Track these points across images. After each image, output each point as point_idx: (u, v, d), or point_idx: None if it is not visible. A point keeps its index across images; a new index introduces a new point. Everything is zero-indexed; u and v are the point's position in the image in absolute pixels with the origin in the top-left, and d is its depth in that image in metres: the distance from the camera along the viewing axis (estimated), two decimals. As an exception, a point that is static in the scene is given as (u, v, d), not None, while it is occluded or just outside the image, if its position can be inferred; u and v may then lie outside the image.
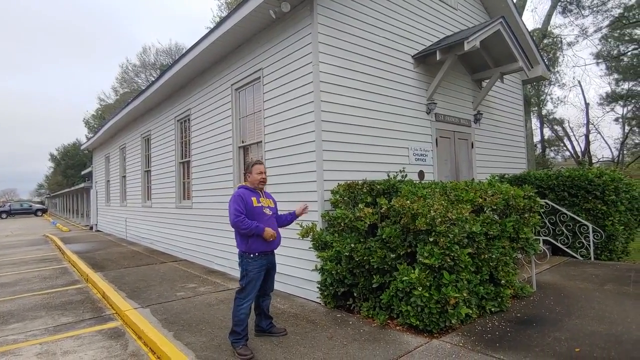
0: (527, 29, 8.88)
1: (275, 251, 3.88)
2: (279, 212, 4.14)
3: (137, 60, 40.94)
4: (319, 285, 4.75)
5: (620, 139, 29.54)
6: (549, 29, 20.26)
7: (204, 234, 7.82)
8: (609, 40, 26.30)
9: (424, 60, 6.68)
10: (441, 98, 6.99)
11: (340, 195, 4.55)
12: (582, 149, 29.37)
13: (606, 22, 23.58)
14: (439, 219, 3.37)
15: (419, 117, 6.54)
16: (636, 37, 24.54)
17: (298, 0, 5.14)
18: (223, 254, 7.14)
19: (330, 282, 4.46)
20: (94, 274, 7.22)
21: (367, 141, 5.59)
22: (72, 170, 45.52)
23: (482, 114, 7.81)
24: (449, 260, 3.39)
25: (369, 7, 5.77)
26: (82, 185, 22.50)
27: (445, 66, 6.39)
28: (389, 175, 5.11)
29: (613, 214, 6.56)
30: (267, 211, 3.73)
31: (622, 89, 27.73)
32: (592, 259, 6.68)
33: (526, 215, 4.56)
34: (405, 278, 3.48)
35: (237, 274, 6.81)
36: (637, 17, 22.42)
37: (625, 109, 28.71)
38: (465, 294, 3.46)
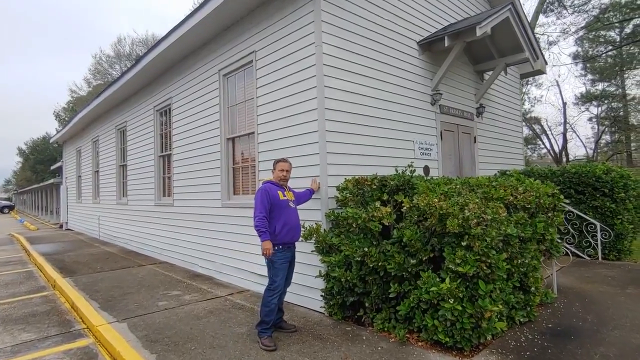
0: (527, 20, 8.57)
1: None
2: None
3: (111, 50, 39.09)
4: (323, 294, 4.22)
5: (592, 138, 30.30)
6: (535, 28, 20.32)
7: (187, 234, 7.15)
8: (584, 41, 26.86)
9: (430, 47, 6.22)
10: (445, 89, 6.56)
11: (350, 192, 4.03)
12: (560, 147, 29.97)
13: (583, 23, 23.96)
14: (474, 220, 2.90)
15: (424, 109, 6.09)
16: (610, 39, 25.10)
17: (299, -28, 4.57)
18: (208, 256, 6.50)
19: (338, 291, 3.93)
20: (62, 279, 6.45)
21: (372, 132, 5.08)
22: (41, 165, 43.27)
23: (484, 107, 7.44)
24: (484, 267, 2.92)
25: (374, -14, 5.25)
26: (51, 181, 21.15)
27: (452, 54, 5.94)
28: (397, 171, 4.62)
29: (622, 212, 6.31)
30: (291, 204, 3.80)
31: (597, 89, 28.47)
32: (600, 259, 6.42)
33: (549, 214, 4.16)
34: (433, 289, 2.99)
35: (224, 278, 6.24)
36: (611, 19, 22.84)
37: (599, 109, 29.50)
38: (500, 306, 3.00)
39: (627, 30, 23.52)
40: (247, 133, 5.80)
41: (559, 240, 4.26)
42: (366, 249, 3.57)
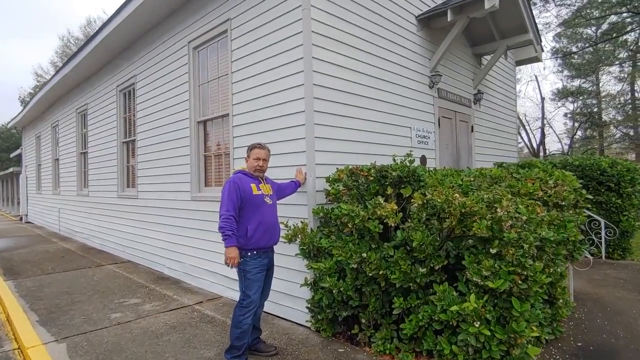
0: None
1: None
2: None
3: (80, 33, 36.76)
4: (309, 305, 3.53)
5: (564, 134, 30.78)
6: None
7: (153, 231, 6.32)
8: (562, 37, 27.04)
9: (429, 23, 5.56)
10: (443, 72, 5.93)
11: (344, 184, 3.33)
12: (537, 142, 30.26)
13: (565, 17, 24.01)
14: (508, 222, 2.26)
15: (422, 91, 5.44)
16: (586, 36, 25.28)
17: None
18: (176, 256, 5.71)
19: (328, 304, 3.25)
20: (2, 283, 5.53)
21: (367, 115, 4.40)
22: (5, 153, 40.65)
23: (482, 93, 6.87)
24: (519, 281, 2.29)
25: (370, -55, 4.52)
26: (10, 169, 19.58)
27: (454, 31, 5.30)
28: (395, 160, 3.96)
29: (628, 208, 5.89)
30: (268, 200, 3.08)
31: (572, 85, 28.83)
32: (604, 257, 6.00)
33: (571, 211, 3.60)
34: (454, 308, 2.35)
35: (194, 282, 5.47)
36: (588, 16, 23.00)
37: (574, 105, 29.92)
38: (535, 329, 2.39)
39: (604, 27, 23.76)
40: (220, 115, 5.01)
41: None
42: (364, 255, 2.90)
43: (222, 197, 2.86)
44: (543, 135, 29.70)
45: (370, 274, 2.91)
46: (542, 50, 8.84)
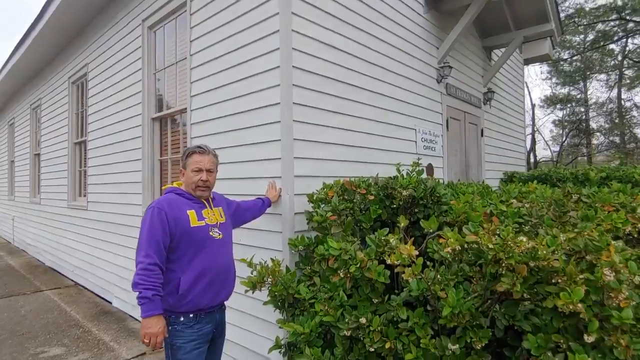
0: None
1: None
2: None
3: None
4: (282, 377, 2.51)
5: (550, 141, 30.52)
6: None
7: (103, 250, 5.21)
8: (553, 44, 26.70)
9: (436, 4, 4.62)
10: (452, 64, 4.99)
11: (334, 208, 2.32)
12: (528, 149, 29.84)
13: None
14: (621, 293, 1.29)
15: (428, 86, 4.48)
16: (575, 44, 24.95)
17: None
18: (126, 283, 4.62)
19: (309, 383, 2.23)
20: None
21: (363, 112, 3.42)
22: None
23: (493, 92, 5.96)
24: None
25: None
26: (-28, 171, 18.03)
27: (469, 14, 4.38)
28: (399, 171, 2.97)
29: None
30: (217, 234, 2.04)
31: (561, 92, 28.54)
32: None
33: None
34: None
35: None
36: (575, 25, 22.81)
37: (563, 113, 29.65)
38: None
39: (590, 36, 23.60)
40: (178, 110, 3.97)
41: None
42: (362, 320, 1.90)
43: (140, 235, 1.84)
44: (534, 142, 29.26)
45: (372, 348, 1.91)
46: (554, 48, 8.02)
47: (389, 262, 1.75)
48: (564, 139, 30.29)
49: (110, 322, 4.23)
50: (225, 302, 2.18)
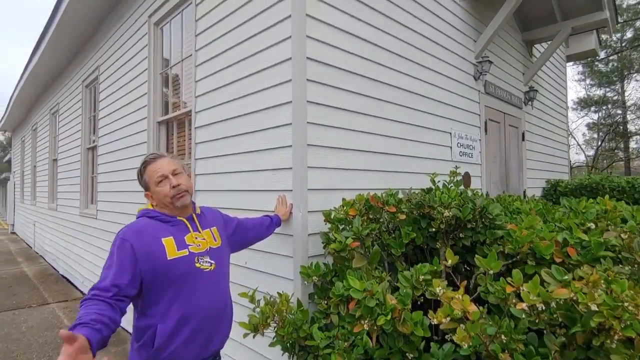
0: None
1: None
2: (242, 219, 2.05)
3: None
4: None
5: (583, 145, 28.87)
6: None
7: (109, 262, 4.91)
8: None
9: (474, -9, 4.08)
10: (491, 59, 4.42)
11: (357, 232, 1.83)
12: (567, 150, 28.34)
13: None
14: None
15: (465, 84, 3.94)
16: (610, 43, 23.42)
17: None
18: (130, 301, 4.27)
19: None
20: None
21: (390, 113, 2.92)
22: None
23: (535, 91, 5.32)
24: None
25: None
26: (3, 175, 18.63)
27: (511, 2, 3.81)
28: (434, 182, 2.46)
29: None
30: (207, 264, 1.57)
31: (595, 94, 26.93)
32: None
33: None
34: None
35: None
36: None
37: (598, 115, 27.97)
38: None
39: (628, 35, 22.05)
40: (183, 113, 3.59)
41: None
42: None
43: (102, 270, 1.42)
44: (567, 146, 27.79)
45: None
46: (601, 44, 7.26)
47: (433, 321, 1.25)
48: (599, 142, 28.63)
49: (111, 344, 3.88)
50: (220, 350, 1.73)
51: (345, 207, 2.02)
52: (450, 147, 3.62)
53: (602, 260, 1.54)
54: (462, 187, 2.82)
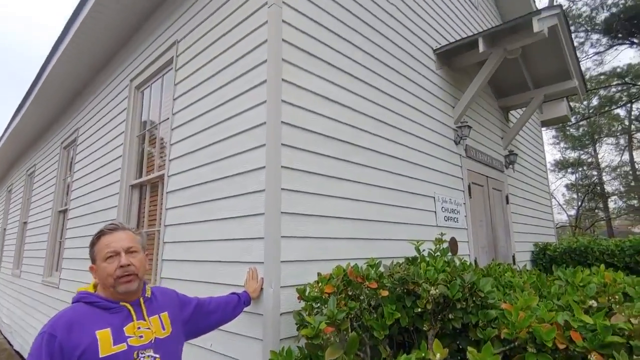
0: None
1: None
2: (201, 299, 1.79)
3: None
4: None
5: (564, 205, 29.45)
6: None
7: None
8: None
9: (449, 61, 4.25)
10: (469, 124, 4.49)
11: (331, 316, 1.61)
12: (551, 211, 28.72)
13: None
14: None
15: (446, 148, 3.94)
16: (579, 109, 24.95)
17: None
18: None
19: None
20: None
21: (370, 177, 2.82)
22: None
23: (515, 155, 5.40)
24: None
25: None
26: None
27: (484, 72, 3.96)
28: (419, 250, 2.30)
29: None
30: (148, 359, 1.28)
31: (571, 157, 28.05)
32: None
33: None
34: None
35: None
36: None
37: (575, 176, 28.90)
38: None
39: (594, 102, 23.52)
40: (157, 176, 3.43)
41: None
42: None
43: None
44: (551, 208, 28.25)
45: None
46: (571, 110, 7.62)
47: None
48: (579, 202, 29.25)
49: None
50: None
51: (320, 284, 1.81)
52: (435, 212, 3.50)
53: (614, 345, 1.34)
54: (449, 254, 2.66)
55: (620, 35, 18.87)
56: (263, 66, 2.28)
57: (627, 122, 24.02)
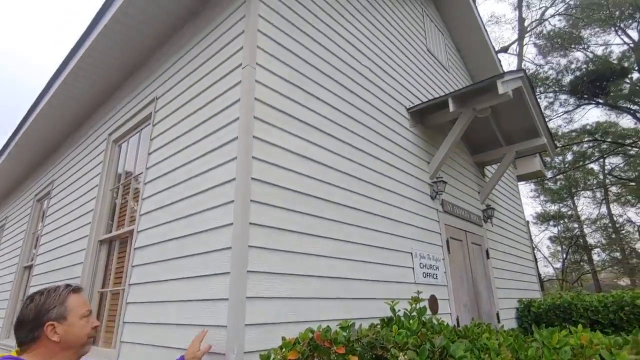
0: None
1: None
2: None
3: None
4: None
5: (550, 257, 29.54)
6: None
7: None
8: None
9: (422, 119, 4.42)
10: (446, 180, 4.58)
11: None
12: (534, 265, 28.61)
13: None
14: None
15: (422, 203, 3.96)
16: (555, 164, 25.89)
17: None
18: None
19: None
20: None
21: (344, 234, 2.78)
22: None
23: (493, 209, 5.47)
24: None
25: (340, 20, 3.56)
26: None
27: (458, 127, 4.12)
28: (394, 311, 2.23)
29: None
30: None
31: (551, 209, 28.58)
32: None
33: None
34: None
35: None
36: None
37: (557, 228, 29.24)
38: None
39: (569, 157, 24.39)
40: (126, 232, 3.32)
41: None
42: None
43: None
44: (535, 259, 28.19)
45: None
46: (545, 166, 7.90)
47: None
48: (564, 255, 29.33)
49: None
50: None
51: (284, 350, 1.70)
52: (413, 268, 3.44)
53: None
54: (428, 312, 2.57)
55: (585, 96, 20.18)
56: (235, 124, 2.32)
57: (601, 176, 24.90)
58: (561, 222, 27.84)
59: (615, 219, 25.65)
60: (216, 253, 2.12)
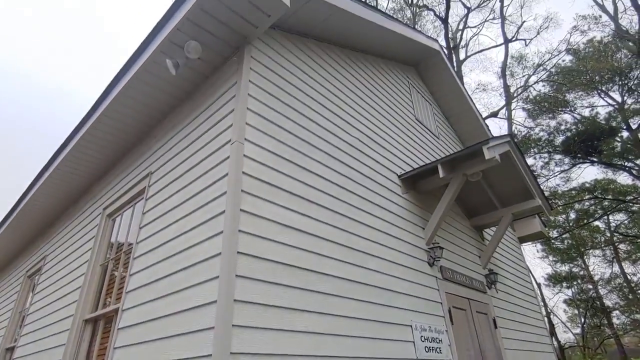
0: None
1: None
2: None
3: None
4: None
5: (568, 322, 27.90)
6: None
7: None
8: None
9: (414, 185, 4.47)
10: (443, 245, 4.50)
11: None
12: (547, 333, 26.93)
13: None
14: None
15: (420, 271, 3.84)
16: (560, 223, 25.46)
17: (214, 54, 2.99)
18: None
19: None
20: None
21: (338, 309, 2.66)
22: None
23: (496, 274, 5.29)
24: None
25: (324, 83, 3.77)
26: None
27: (449, 193, 4.14)
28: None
29: None
30: None
31: (562, 270, 27.57)
32: None
33: None
34: None
35: None
36: (555, 205, 23.76)
37: (572, 290, 27.95)
38: None
39: (572, 215, 24.07)
40: (112, 310, 3.19)
41: None
42: None
43: None
44: (552, 325, 26.57)
45: None
46: (546, 227, 7.80)
47: None
48: (583, 320, 27.70)
49: None
50: None
51: None
52: (414, 342, 3.23)
53: None
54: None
55: (579, 155, 20.58)
56: (222, 198, 2.34)
57: (608, 234, 24.37)
58: (574, 283, 26.67)
59: (629, 277, 24.64)
60: (199, 333, 2.01)
